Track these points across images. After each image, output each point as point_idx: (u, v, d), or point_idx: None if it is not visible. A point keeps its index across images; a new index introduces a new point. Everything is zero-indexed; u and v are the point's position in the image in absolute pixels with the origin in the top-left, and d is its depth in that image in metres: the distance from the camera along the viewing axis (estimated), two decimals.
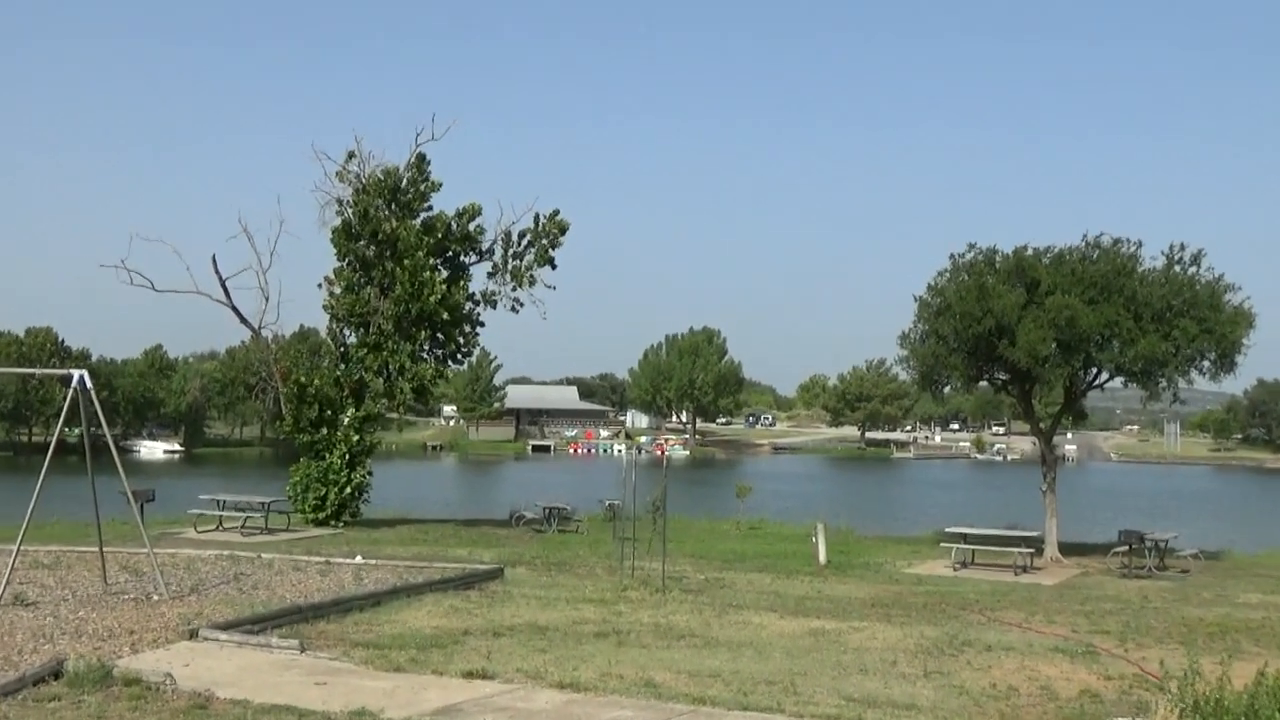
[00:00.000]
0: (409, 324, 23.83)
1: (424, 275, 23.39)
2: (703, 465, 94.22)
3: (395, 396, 23.95)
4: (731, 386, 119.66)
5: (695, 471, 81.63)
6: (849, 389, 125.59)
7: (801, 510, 41.13)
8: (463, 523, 26.64)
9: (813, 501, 48.19)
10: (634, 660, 9.16)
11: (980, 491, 60.51)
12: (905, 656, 9.83)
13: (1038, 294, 20.19)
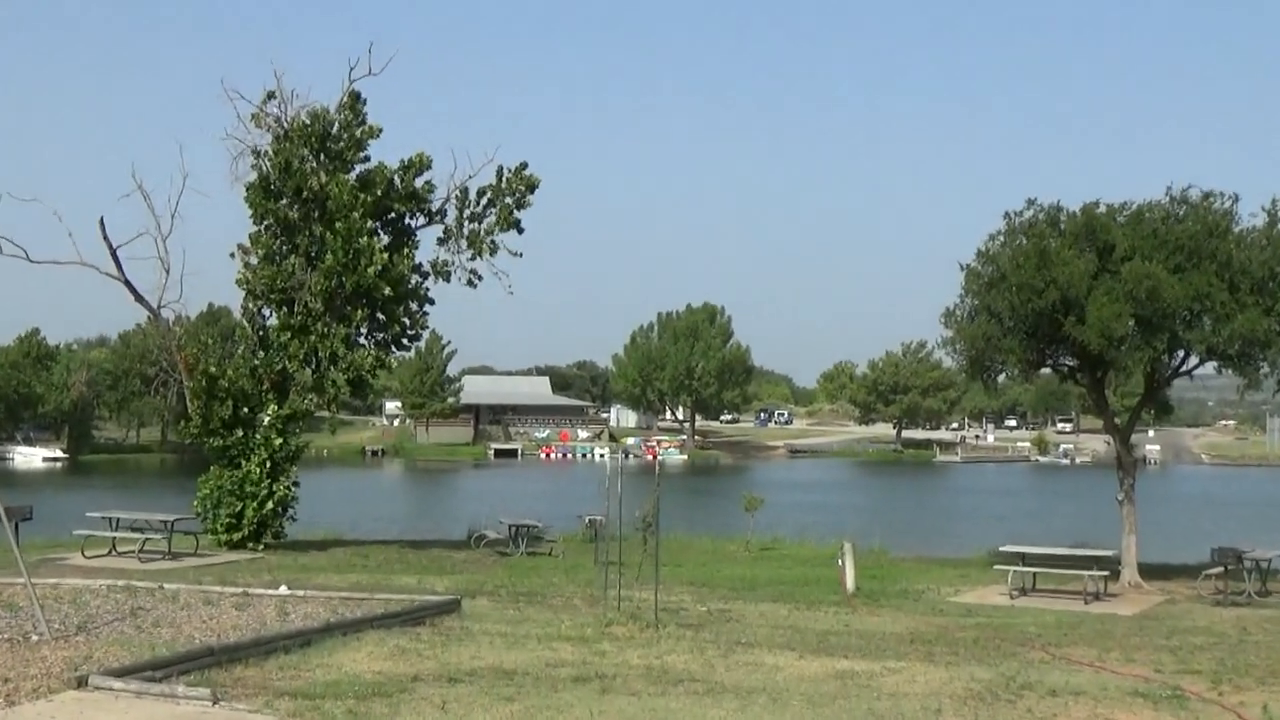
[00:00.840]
0: (342, 302, 23.77)
1: (360, 241, 23.33)
2: (704, 472, 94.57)
3: (326, 391, 23.93)
4: (738, 376, 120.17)
5: (695, 480, 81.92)
6: (882, 378, 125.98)
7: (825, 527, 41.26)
8: (411, 544, 26.68)
9: (838, 516, 48.38)
10: (621, 711, 9.13)
11: (1042, 502, 60.90)
12: (952, 704, 9.76)
13: (1112, 260, 20.05)
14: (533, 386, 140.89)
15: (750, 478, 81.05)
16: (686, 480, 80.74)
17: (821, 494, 65.70)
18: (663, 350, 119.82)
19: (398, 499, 60.22)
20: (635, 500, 15.32)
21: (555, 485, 71.53)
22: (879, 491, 71.09)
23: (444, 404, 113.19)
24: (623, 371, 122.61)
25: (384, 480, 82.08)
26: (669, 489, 58.03)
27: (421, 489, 71.05)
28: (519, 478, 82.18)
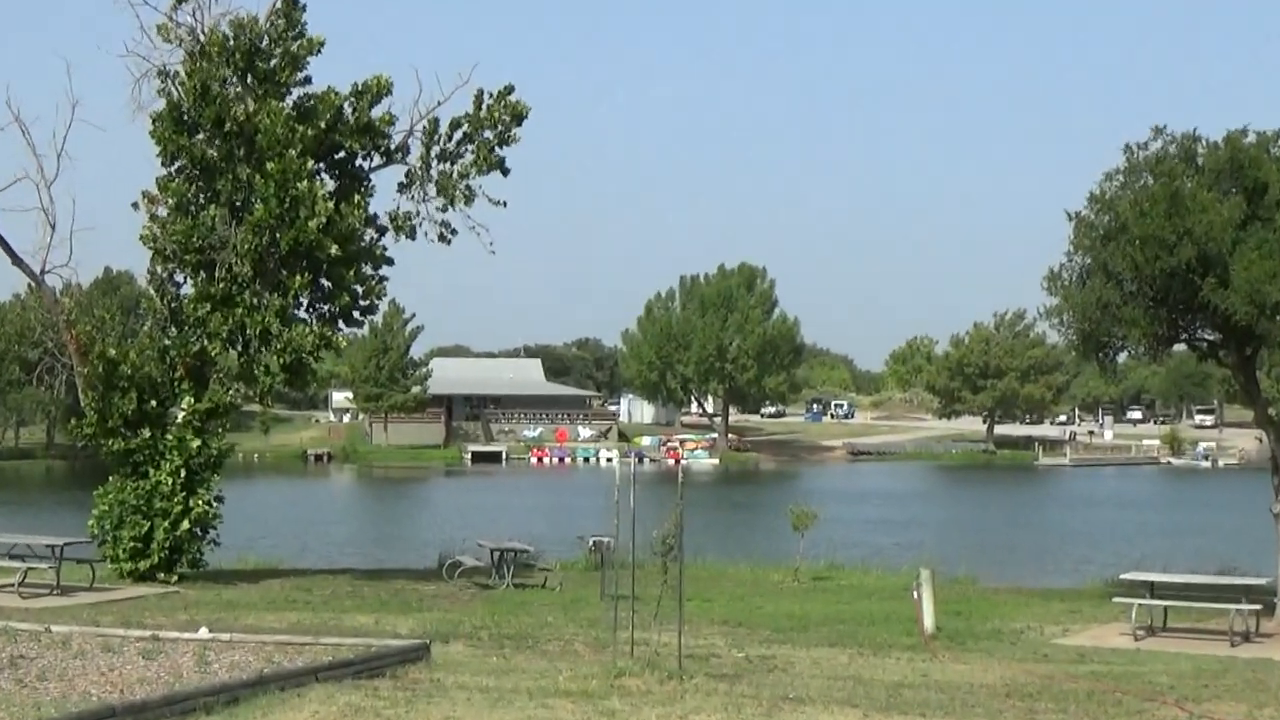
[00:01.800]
0: (277, 264, 23.80)
1: (299, 187, 23.32)
2: (740, 480, 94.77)
3: (257, 379, 24.00)
4: (784, 357, 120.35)
5: (729, 490, 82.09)
6: (968, 358, 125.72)
7: (896, 549, 41.22)
8: (366, 574, 26.81)
9: (913, 535, 48.36)
10: None
11: (1176, 516, 60.79)
12: None
13: (1264, 205, 19.77)
14: (521, 372, 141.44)
15: (800, 487, 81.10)
16: (718, 491, 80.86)
17: (892, 507, 65.80)
18: (687, 324, 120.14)
19: (349, 517, 60.51)
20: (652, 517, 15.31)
21: (550, 498, 71.74)
22: (965, 504, 71.12)
23: (407, 395, 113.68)
24: (635, 352, 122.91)
25: (331, 493, 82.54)
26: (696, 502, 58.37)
27: (379, 503, 71.41)
28: (503, 489, 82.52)
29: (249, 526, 46.51)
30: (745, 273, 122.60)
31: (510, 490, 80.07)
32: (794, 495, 56.63)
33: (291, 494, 74.87)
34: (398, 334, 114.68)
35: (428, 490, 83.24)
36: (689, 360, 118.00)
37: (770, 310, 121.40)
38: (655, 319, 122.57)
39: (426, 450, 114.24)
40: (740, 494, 77.22)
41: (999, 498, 76.02)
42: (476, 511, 59.45)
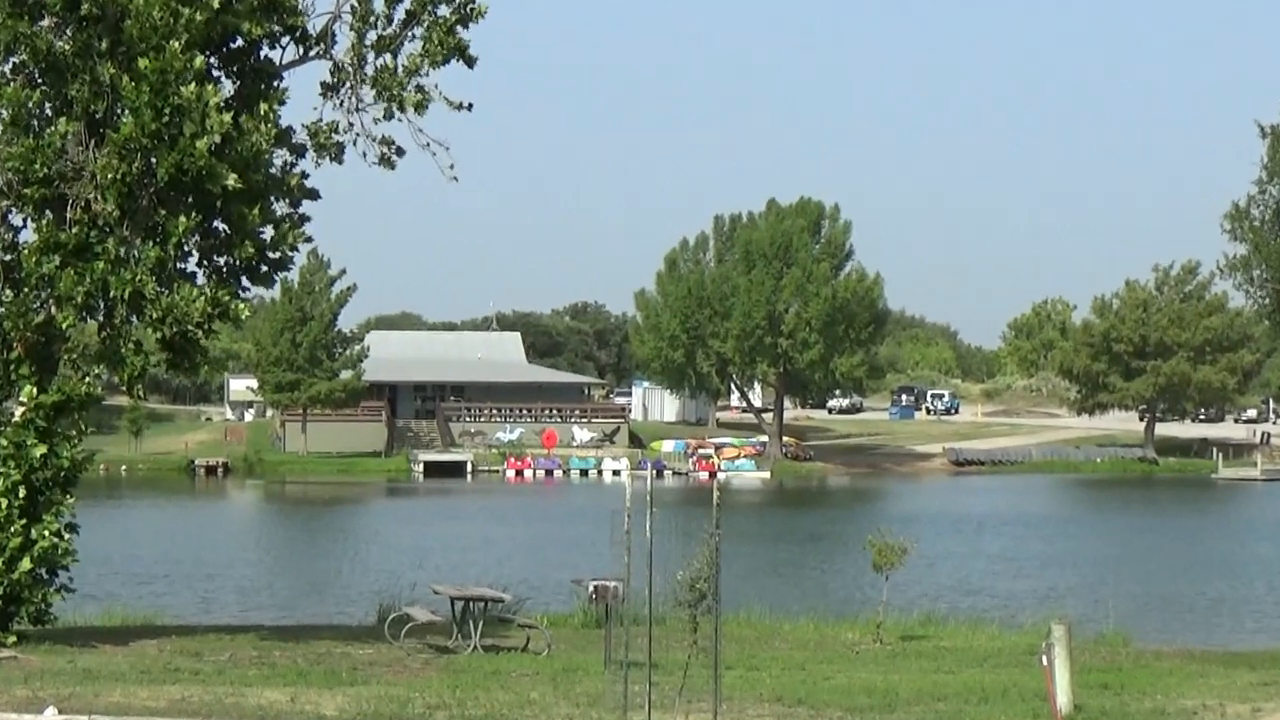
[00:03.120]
0: (152, 202, 23.77)
1: (184, 93, 23.27)
2: (800, 501, 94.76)
3: (125, 361, 23.98)
4: (862, 328, 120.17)
5: (783, 515, 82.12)
6: (1118, 330, 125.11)
7: (1018, 598, 41.16)
8: (279, 632, 26.85)
9: (1043, 578, 48.29)
10: None
11: None
12: None
13: None
14: (493, 350, 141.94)
15: (884, 511, 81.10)
16: (768, 516, 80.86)
17: (1011, 538, 65.88)
18: (725, 282, 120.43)
19: (255, 553, 60.61)
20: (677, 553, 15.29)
21: (534, 526, 71.82)
22: (1114, 533, 70.99)
23: (333, 382, 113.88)
24: (653, 322, 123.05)
25: (229, 519, 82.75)
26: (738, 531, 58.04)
27: (296, 534, 71.54)
28: (469, 513, 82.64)
29: (115, 566, 46.50)
30: (807, 211, 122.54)
31: (478, 515, 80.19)
32: (875, 522, 56.72)
33: (174, 521, 75.04)
34: (321, 297, 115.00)
35: (363, 515, 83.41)
36: (728, 333, 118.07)
37: (842, 263, 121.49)
38: (681, 276, 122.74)
39: (361, 460, 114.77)
40: (799, 520, 77.26)
41: (1162, 524, 75.85)
42: (432, 545, 59.48)
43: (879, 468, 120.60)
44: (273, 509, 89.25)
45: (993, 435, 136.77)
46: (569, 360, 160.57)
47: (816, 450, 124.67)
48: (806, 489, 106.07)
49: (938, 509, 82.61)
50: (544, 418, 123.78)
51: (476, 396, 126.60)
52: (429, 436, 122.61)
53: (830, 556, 55.25)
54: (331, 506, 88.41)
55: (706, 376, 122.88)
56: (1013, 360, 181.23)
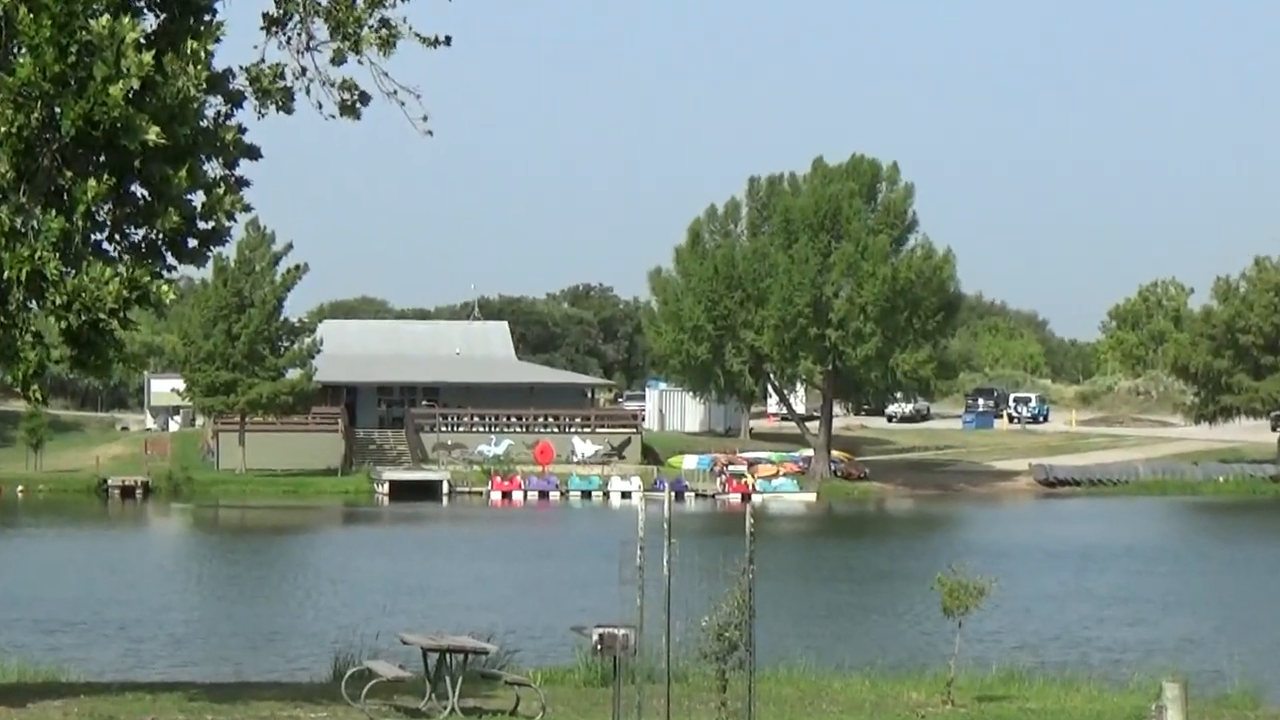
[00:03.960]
0: (55, 161, 23.80)
1: (94, 28, 23.29)
2: (853, 529, 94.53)
3: (20, 358, 24.01)
4: (929, 316, 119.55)
5: (832, 545, 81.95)
6: (1243, 318, 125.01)
7: (1123, 648, 40.99)
8: (213, 691, 26.88)
9: (1152, 624, 48.10)
10: None
11: None
12: None
13: None
14: (475, 344, 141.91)
15: (956, 541, 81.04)
16: (814, 547, 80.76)
17: (1113, 575, 65.90)
18: (759, 258, 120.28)
19: (183, 592, 60.68)
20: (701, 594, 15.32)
21: (525, 560, 71.85)
22: (1241, 569, 70.74)
23: (278, 384, 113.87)
24: (672, 309, 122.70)
25: (152, 550, 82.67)
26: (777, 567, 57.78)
27: (233, 570, 71.54)
28: (445, 545, 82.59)
29: (14, 610, 46.37)
30: (859, 171, 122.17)
31: (457, 547, 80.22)
32: (946, 556, 56.80)
33: (85, 553, 74.92)
34: (263, 279, 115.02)
35: (315, 547, 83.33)
36: (764, 323, 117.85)
37: (904, 236, 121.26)
38: (707, 252, 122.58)
39: (312, 479, 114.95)
40: (852, 553, 77.10)
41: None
42: (399, 585, 59.61)
43: (950, 489, 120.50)
44: (205, 539, 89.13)
45: (1090, 449, 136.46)
46: (568, 356, 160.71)
47: (873, 467, 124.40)
48: (861, 515, 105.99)
49: (1024, 540, 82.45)
50: (537, 427, 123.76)
51: (454, 401, 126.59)
52: (396, 450, 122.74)
53: (891, 598, 55.22)
54: (276, 536, 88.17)
55: (738, 376, 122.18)
56: (1114, 356, 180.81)
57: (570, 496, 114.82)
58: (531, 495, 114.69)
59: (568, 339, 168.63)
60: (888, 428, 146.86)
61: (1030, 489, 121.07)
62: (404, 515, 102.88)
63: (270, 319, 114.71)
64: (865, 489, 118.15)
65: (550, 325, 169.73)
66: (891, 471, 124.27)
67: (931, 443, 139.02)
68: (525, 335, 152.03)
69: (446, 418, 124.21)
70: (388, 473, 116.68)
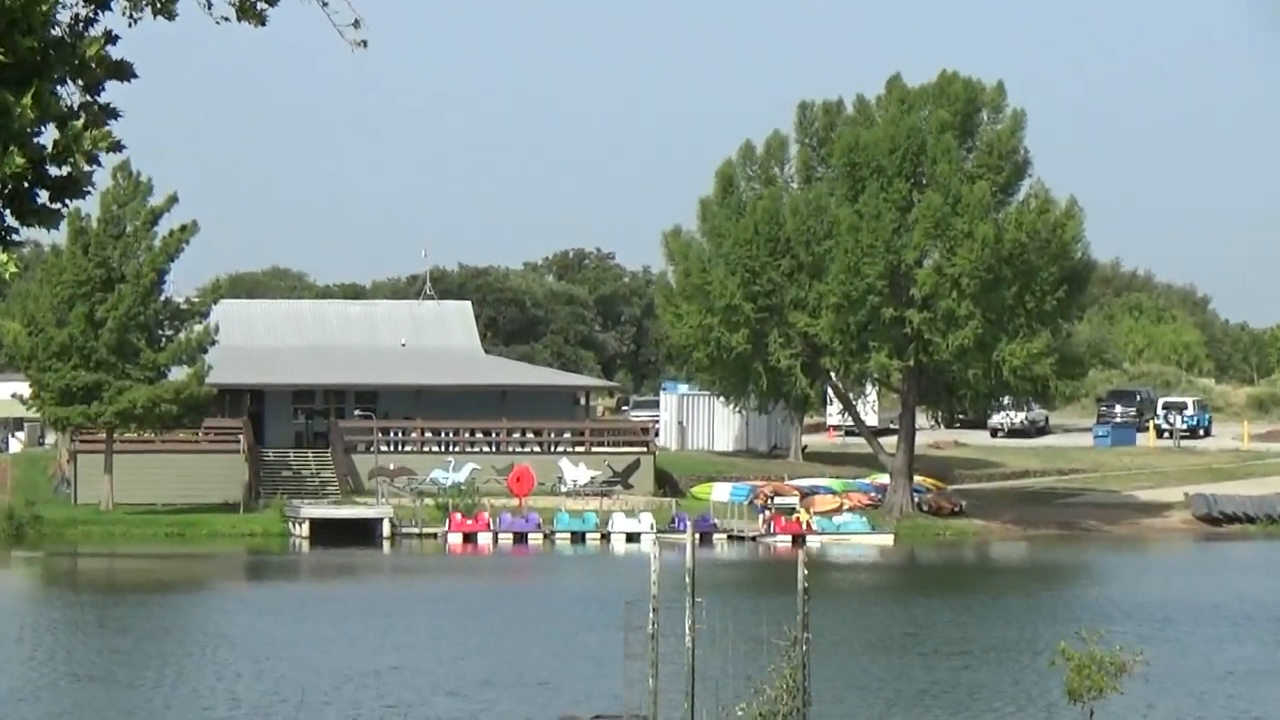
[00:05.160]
0: None
1: None
2: (941, 581, 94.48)
3: None
4: (1045, 294, 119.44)
5: (914, 603, 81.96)
6: None
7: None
8: None
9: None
10: None
11: None
12: None
13: None
14: (428, 329, 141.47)
15: (1085, 598, 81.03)
16: (890, 607, 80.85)
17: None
18: (814, 213, 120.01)
19: (26, 680, 60.52)
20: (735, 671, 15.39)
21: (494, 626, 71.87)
22: None
23: (156, 387, 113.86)
24: (696, 280, 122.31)
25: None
26: (840, 633, 57.60)
27: (96, 648, 71.49)
28: (384, 606, 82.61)
29: None
30: (950, 94, 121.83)
31: (402, 610, 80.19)
32: (1072, 618, 56.84)
33: None
34: (136, 244, 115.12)
35: (207, 613, 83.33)
36: (822, 301, 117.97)
37: (1012, 183, 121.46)
38: (742, 204, 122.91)
39: (205, 517, 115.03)
40: (943, 615, 77.23)
41: None
42: (328, 665, 59.93)
43: (1076, 527, 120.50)
44: (57, 602, 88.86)
45: (1268, 472, 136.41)
46: (554, 348, 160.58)
47: (970, 498, 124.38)
48: (954, 563, 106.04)
49: (1180, 596, 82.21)
50: (511, 445, 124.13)
51: (399, 409, 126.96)
52: (319, 477, 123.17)
53: (996, 677, 55.27)
54: (156, 597, 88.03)
55: (786, 375, 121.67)
56: None
57: (557, 539, 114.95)
58: (504, 538, 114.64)
59: (553, 324, 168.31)
60: (991, 444, 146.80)
61: (1187, 527, 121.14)
62: (331, 566, 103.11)
63: (147, 299, 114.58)
64: (960, 528, 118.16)
65: (530, 306, 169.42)
66: (997, 504, 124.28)
67: (1051, 465, 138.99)
68: (496, 320, 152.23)
69: (388, 433, 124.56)
70: (307, 508, 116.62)
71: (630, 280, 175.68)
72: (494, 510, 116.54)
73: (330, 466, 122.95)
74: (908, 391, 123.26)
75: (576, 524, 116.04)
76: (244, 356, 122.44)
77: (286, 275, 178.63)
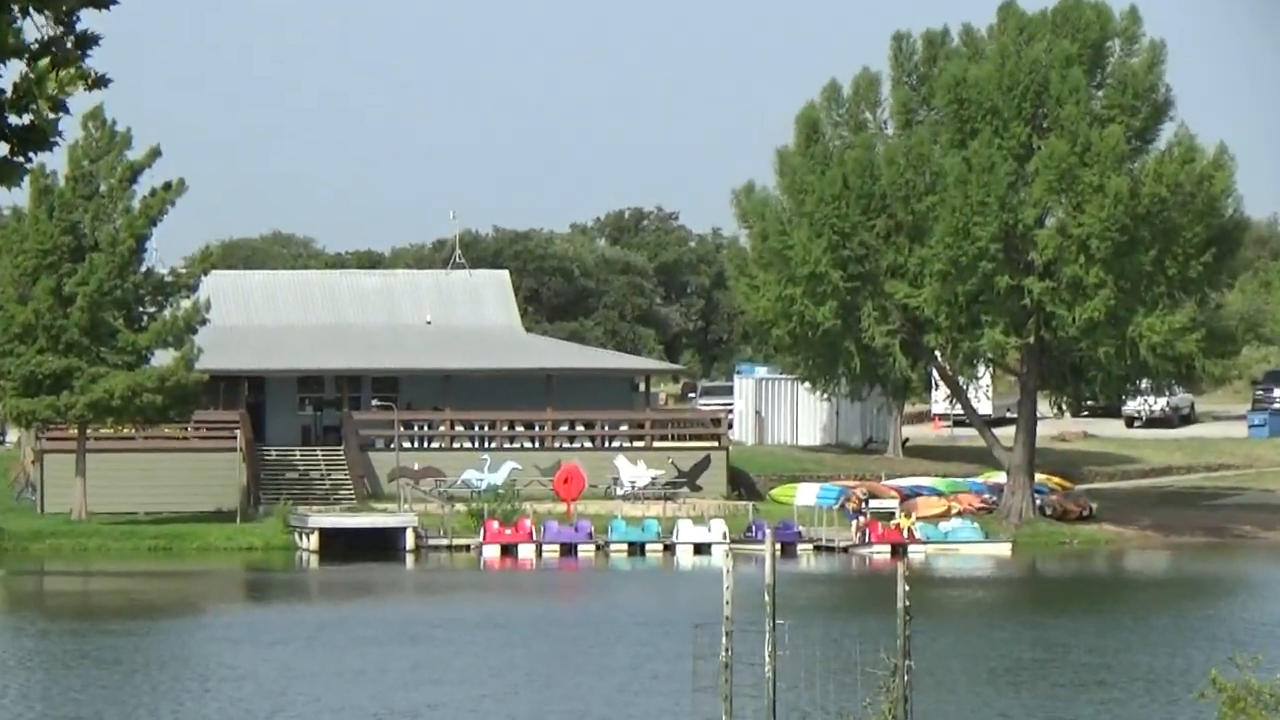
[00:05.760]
0: None
1: None
2: (1069, 597, 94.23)
3: None
4: (1189, 258, 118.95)
5: (1036, 624, 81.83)
6: None
7: None
8: None
9: None
10: None
11: None
12: None
13: None
14: (458, 304, 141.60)
15: (1241, 618, 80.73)
16: (1008, 629, 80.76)
17: None
18: (913, 164, 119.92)
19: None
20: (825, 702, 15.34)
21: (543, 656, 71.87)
22: None
23: (137, 374, 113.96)
24: (774, 245, 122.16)
25: None
26: (949, 663, 57.37)
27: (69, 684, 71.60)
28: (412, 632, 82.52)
29: None
30: (1079, 21, 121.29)
31: (431, 637, 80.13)
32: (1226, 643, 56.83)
33: None
34: (112, 205, 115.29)
35: (202, 642, 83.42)
36: (925, 268, 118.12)
37: (1150, 127, 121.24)
38: (828, 155, 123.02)
39: (196, 528, 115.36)
40: (1073, 637, 77.03)
41: None
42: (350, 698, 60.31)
43: (1229, 533, 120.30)
44: (22, 628, 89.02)
45: None
46: (607, 325, 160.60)
47: (1103, 500, 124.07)
48: (1085, 576, 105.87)
49: None
50: (558, 441, 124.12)
51: (424, 398, 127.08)
52: (330, 480, 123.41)
53: (1135, 712, 55.16)
54: (141, 624, 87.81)
55: (883, 356, 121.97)
56: None
57: (611, 552, 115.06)
58: (549, 551, 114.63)
59: (607, 298, 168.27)
60: (1126, 436, 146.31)
61: None
62: (345, 585, 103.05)
63: (124, 270, 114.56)
64: (1090, 535, 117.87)
65: (578, 276, 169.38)
66: (1134, 507, 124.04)
67: (1199, 460, 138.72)
68: (538, 292, 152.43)
69: (411, 427, 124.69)
70: (316, 517, 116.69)
71: (697, 245, 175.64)
72: (537, 518, 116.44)
73: (343, 467, 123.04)
74: (1027, 374, 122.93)
75: (635, 533, 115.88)
76: (240, 337, 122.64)
77: (290, 242, 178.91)
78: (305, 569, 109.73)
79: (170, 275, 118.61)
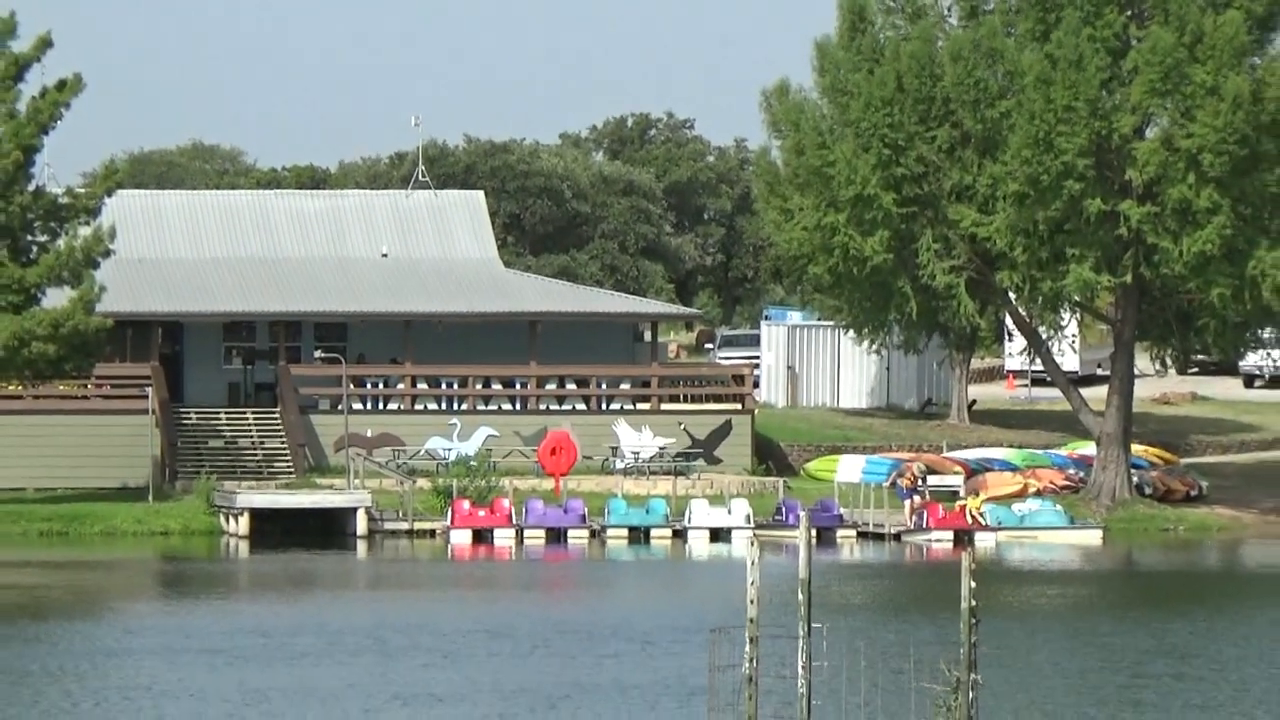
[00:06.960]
0: None
1: None
2: (1175, 594, 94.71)
3: None
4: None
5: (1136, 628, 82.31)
6: None
7: None
8: None
9: None
10: None
11: None
12: None
13: None
14: (420, 233, 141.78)
15: None
16: (1101, 633, 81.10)
17: None
18: (981, 62, 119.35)
19: None
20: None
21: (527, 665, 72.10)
22: None
23: (26, 318, 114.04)
24: (811, 164, 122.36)
25: None
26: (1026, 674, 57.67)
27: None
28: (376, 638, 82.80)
29: None
30: None
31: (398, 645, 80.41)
32: None
33: None
34: None
35: (121, 649, 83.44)
36: (996, 190, 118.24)
37: (1273, 15, 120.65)
38: (877, 47, 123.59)
39: (99, 506, 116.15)
40: (1183, 641, 77.46)
41: None
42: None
43: None
44: None
45: None
46: (604, 259, 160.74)
47: (1216, 476, 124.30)
48: (1193, 570, 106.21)
49: None
50: (545, 401, 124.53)
51: (379, 349, 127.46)
52: (262, 449, 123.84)
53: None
54: (38, 628, 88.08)
55: (945, 298, 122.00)
56: None
57: (609, 538, 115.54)
58: (532, 537, 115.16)
59: (605, 225, 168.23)
60: (1244, 398, 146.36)
61: None
62: (284, 578, 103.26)
63: (9, 189, 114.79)
64: (1200, 520, 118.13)
65: (570, 198, 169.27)
66: (1252, 485, 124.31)
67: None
68: (520, 218, 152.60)
69: (363, 384, 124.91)
70: (247, 494, 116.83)
71: (717, 161, 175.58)
72: (518, 496, 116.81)
73: (279, 433, 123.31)
74: (1123, 322, 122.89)
75: (638, 516, 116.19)
76: (153, 272, 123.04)
77: (214, 154, 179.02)
78: (234, 558, 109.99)
79: (66, 196, 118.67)
